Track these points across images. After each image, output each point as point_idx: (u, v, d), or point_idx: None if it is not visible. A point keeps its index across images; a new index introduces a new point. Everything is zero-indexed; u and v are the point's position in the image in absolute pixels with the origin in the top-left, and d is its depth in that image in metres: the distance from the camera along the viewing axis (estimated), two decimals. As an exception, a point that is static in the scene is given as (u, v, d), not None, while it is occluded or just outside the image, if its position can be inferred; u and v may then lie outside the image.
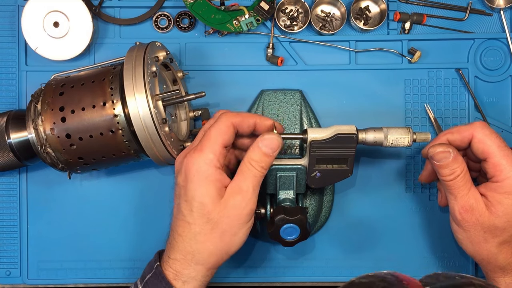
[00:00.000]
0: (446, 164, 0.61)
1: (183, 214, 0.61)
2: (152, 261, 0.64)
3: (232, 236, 0.61)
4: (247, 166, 0.61)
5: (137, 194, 0.74)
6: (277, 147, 0.61)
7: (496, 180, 0.62)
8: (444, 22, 0.75)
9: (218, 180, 0.60)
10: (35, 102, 0.65)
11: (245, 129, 0.63)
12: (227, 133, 0.61)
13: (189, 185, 0.60)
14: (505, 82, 0.74)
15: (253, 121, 0.63)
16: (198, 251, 0.61)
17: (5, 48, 0.74)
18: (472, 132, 0.63)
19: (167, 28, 0.74)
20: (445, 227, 0.74)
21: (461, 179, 0.62)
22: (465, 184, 0.62)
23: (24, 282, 0.75)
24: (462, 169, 0.62)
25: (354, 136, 0.63)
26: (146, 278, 0.62)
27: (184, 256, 0.61)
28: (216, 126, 0.61)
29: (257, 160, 0.60)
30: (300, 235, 0.63)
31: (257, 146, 0.61)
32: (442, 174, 0.62)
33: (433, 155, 0.62)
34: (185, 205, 0.60)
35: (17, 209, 0.74)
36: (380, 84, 0.74)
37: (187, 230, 0.60)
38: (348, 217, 0.74)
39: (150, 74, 0.63)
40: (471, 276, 0.43)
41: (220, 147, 0.60)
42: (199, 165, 0.60)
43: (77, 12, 0.71)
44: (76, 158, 0.64)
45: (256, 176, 0.61)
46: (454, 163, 0.61)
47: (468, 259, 0.74)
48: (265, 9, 0.71)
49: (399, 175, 0.75)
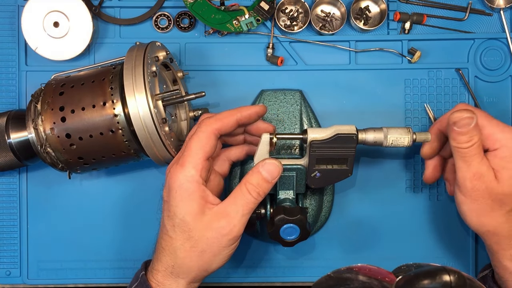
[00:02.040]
0: (467, 131, 0.61)
1: (166, 229, 0.61)
2: (138, 271, 0.64)
3: (212, 256, 0.60)
4: (242, 191, 0.60)
5: (137, 194, 0.74)
6: (277, 175, 0.60)
7: (494, 148, 0.63)
8: (444, 22, 0.75)
9: (201, 197, 0.59)
10: (35, 102, 0.65)
11: (228, 130, 0.62)
12: (208, 143, 0.60)
13: (171, 201, 0.60)
14: (505, 82, 0.74)
15: (234, 119, 0.62)
16: (178, 265, 0.61)
17: (5, 48, 0.74)
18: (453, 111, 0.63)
19: (167, 28, 0.74)
20: (445, 227, 0.74)
21: (477, 146, 0.61)
22: (479, 152, 0.62)
23: (24, 282, 0.75)
24: (479, 137, 0.62)
25: (354, 136, 0.63)
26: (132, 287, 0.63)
27: (165, 269, 0.61)
28: (196, 138, 0.60)
29: (255, 184, 0.60)
30: (300, 235, 0.63)
31: (257, 170, 0.60)
32: (460, 141, 0.61)
33: (458, 121, 0.61)
34: (168, 220, 0.60)
35: (17, 209, 0.74)
36: (380, 84, 0.74)
37: (169, 244, 0.61)
38: (348, 217, 0.74)
39: (150, 74, 0.63)
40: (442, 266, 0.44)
41: (202, 160, 0.59)
42: (181, 182, 0.59)
43: (77, 12, 0.71)
44: (76, 158, 0.64)
45: (249, 203, 0.60)
46: (474, 130, 0.61)
47: (468, 258, 0.74)
48: (265, 9, 0.71)
49: (399, 175, 0.75)
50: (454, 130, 0.61)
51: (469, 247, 0.74)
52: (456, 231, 0.74)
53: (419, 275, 0.43)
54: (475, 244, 0.74)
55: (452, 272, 0.42)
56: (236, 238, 0.60)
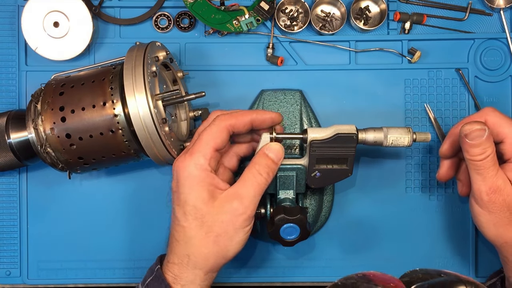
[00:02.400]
0: (479, 143, 0.60)
1: (178, 219, 0.60)
2: (153, 265, 0.64)
3: (228, 240, 0.60)
4: (252, 172, 0.60)
5: (137, 194, 0.74)
6: (281, 156, 0.62)
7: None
8: (444, 22, 0.75)
9: (210, 184, 0.59)
10: (35, 102, 0.65)
11: (241, 129, 0.62)
12: (220, 137, 0.60)
13: (181, 190, 0.60)
14: (505, 82, 0.74)
15: (248, 119, 0.62)
16: (194, 255, 0.60)
17: (5, 48, 0.74)
18: (484, 117, 0.63)
19: (167, 28, 0.74)
20: (445, 227, 0.74)
21: (491, 159, 0.61)
22: (494, 164, 0.61)
23: (24, 282, 0.75)
24: (492, 149, 0.61)
25: (354, 136, 0.63)
26: (147, 281, 0.63)
27: (181, 260, 0.61)
28: (209, 129, 0.61)
29: (264, 165, 0.60)
30: (300, 235, 0.63)
31: (263, 152, 0.61)
32: (473, 153, 0.60)
33: (469, 133, 0.60)
34: (179, 210, 0.60)
35: (17, 209, 0.74)
36: (380, 84, 0.74)
37: (183, 234, 0.60)
38: (348, 217, 0.74)
39: (150, 74, 0.63)
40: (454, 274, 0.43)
41: (212, 150, 0.60)
42: (190, 170, 0.59)
43: (77, 12, 0.71)
44: (76, 158, 0.64)
45: (260, 183, 0.60)
46: (487, 142, 0.60)
47: (468, 258, 0.74)
48: (265, 9, 0.71)
49: (399, 175, 0.74)
50: (466, 142, 0.60)
51: (469, 247, 0.74)
52: (456, 231, 0.74)
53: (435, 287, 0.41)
54: (475, 244, 0.74)
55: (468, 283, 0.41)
56: (250, 219, 0.60)
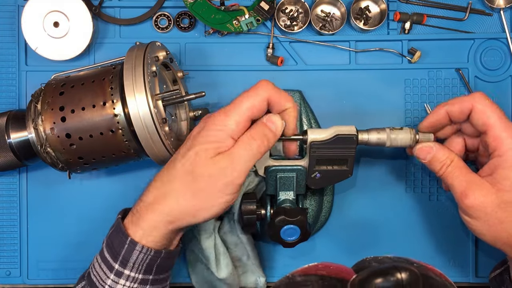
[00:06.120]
0: (433, 158, 0.61)
1: (175, 158, 0.60)
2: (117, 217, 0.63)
3: (205, 198, 0.58)
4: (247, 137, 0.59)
5: (137, 194, 0.74)
6: (280, 126, 0.60)
7: (498, 154, 0.60)
8: (444, 22, 0.75)
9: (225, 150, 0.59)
10: (35, 102, 0.65)
11: (277, 107, 0.61)
12: (259, 108, 0.59)
13: (202, 133, 0.59)
14: (505, 82, 0.74)
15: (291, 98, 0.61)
16: (169, 194, 0.59)
17: (5, 48, 0.74)
18: (472, 102, 0.61)
19: (167, 28, 0.74)
20: (445, 227, 0.74)
21: (454, 167, 0.61)
22: (460, 170, 0.61)
23: (24, 282, 0.75)
24: (452, 158, 0.61)
25: (354, 137, 0.63)
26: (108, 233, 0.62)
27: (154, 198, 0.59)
28: (251, 97, 0.59)
29: (260, 132, 0.59)
30: (301, 236, 0.63)
31: (261, 121, 0.60)
32: (434, 169, 0.62)
33: (417, 155, 0.63)
34: (184, 149, 0.60)
35: (17, 209, 0.74)
36: (380, 84, 0.74)
37: (167, 172, 0.60)
38: (348, 217, 0.74)
39: (150, 74, 0.63)
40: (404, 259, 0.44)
41: (245, 119, 0.59)
42: (218, 128, 0.58)
43: (77, 12, 0.71)
44: (76, 157, 0.64)
45: (252, 149, 0.58)
46: (440, 154, 0.61)
47: (468, 258, 0.74)
48: (265, 9, 0.71)
49: (399, 175, 0.75)
50: (424, 163, 0.63)
51: (469, 247, 0.74)
52: (456, 231, 0.74)
53: (372, 275, 0.43)
54: (475, 244, 0.74)
55: (403, 269, 0.42)
56: (233, 185, 0.58)
